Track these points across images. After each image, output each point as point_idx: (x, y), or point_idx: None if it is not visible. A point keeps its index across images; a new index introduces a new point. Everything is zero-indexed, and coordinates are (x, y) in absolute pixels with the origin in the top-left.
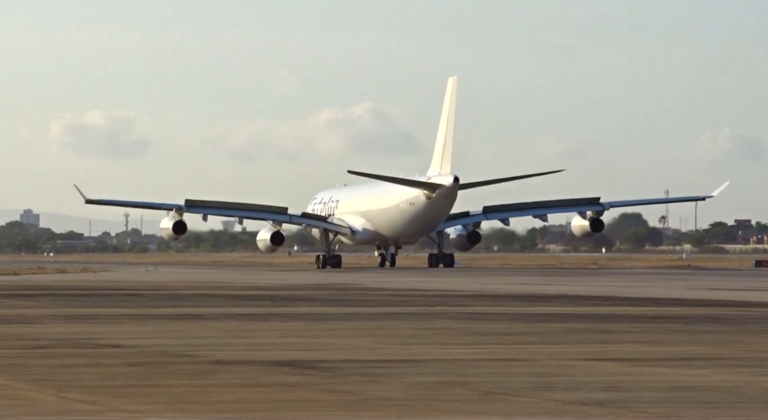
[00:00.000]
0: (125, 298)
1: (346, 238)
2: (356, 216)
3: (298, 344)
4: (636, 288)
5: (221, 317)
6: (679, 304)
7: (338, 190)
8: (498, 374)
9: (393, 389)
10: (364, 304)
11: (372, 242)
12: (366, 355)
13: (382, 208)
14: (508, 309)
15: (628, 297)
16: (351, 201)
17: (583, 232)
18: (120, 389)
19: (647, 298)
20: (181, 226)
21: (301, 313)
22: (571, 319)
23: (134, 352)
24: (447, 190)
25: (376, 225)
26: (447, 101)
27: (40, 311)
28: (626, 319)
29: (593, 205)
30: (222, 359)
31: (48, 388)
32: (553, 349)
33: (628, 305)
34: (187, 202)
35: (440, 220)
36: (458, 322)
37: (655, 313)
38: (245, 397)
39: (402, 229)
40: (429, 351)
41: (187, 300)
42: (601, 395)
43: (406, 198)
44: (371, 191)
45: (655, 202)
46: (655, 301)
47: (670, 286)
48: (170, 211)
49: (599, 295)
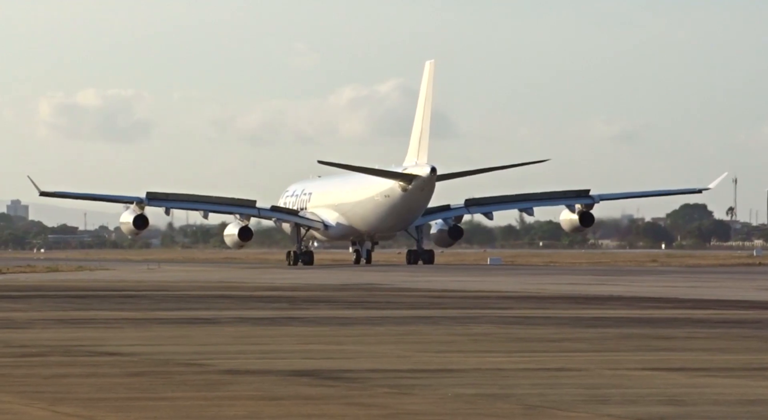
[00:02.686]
0: (125, 299)
1: (318, 232)
2: (329, 209)
3: (320, 352)
4: (700, 288)
5: (233, 321)
6: (748, 306)
7: (311, 182)
8: (544, 386)
9: (426, 402)
10: (392, 306)
11: (346, 237)
12: (396, 364)
13: (357, 201)
14: (555, 312)
15: (691, 299)
16: (324, 193)
17: (573, 227)
18: (119, 402)
19: (712, 300)
20: (143, 220)
21: (323, 316)
22: (626, 323)
23: (135, 360)
24: (424, 182)
25: (350, 219)
26: (424, 86)
27: (29, 315)
28: (688, 323)
29: (582, 198)
30: (234, 369)
31: (39, 400)
32: (606, 358)
33: (690, 308)
34: (149, 194)
35: (417, 213)
36: (499, 327)
37: (722, 317)
38: (260, 412)
39: (377, 223)
40: (466, 360)
41: (194, 302)
42: (660, 409)
43: (381, 190)
44: (345, 183)
45: (649, 195)
46: (721, 304)
47: (738, 286)
48: (131, 205)
49: (658, 297)
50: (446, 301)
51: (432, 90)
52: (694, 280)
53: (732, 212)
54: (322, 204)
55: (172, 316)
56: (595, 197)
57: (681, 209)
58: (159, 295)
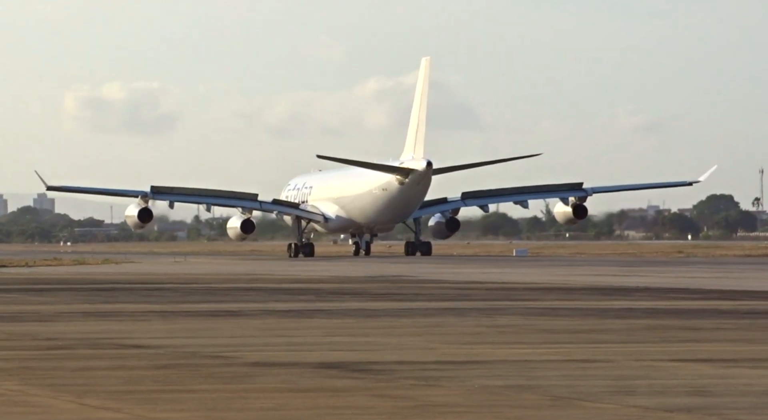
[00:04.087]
0: (151, 292)
1: (319, 225)
2: (329, 203)
3: (346, 344)
4: (726, 279)
5: (259, 314)
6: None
7: (312, 176)
8: (571, 377)
9: (453, 394)
10: (419, 298)
11: (346, 230)
12: (422, 356)
13: (356, 195)
14: (582, 303)
15: (718, 289)
16: (324, 187)
17: (567, 219)
18: (146, 395)
19: (739, 290)
20: (147, 213)
21: (349, 308)
22: (653, 314)
23: (162, 353)
24: (420, 175)
25: (350, 212)
26: (420, 82)
27: (56, 308)
28: (715, 314)
29: (576, 191)
30: (260, 361)
31: (66, 393)
32: (633, 349)
33: (717, 299)
34: (153, 188)
35: (414, 206)
36: (526, 319)
37: (748, 307)
38: (287, 404)
39: (375, 216)
40: (493, 351)
41: (221, 294)
42: (688, 400)
43: (378, 184)
44: (344, 177)
45: (641, 187)
46: (748, 294)
47: (764, 277)
48: (136, 198)
49: (684, 288)
50: (472, 293)
51: (428, 86)
52: (721, 271)
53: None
54: (322, 197)
55: (199, 309)
56: (588, 190)
57: (707, 200)
58: (185, 288)
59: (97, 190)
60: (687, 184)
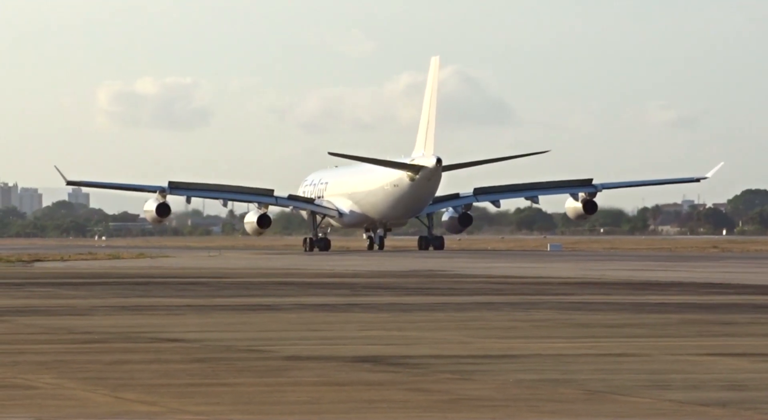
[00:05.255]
0: (186, 286)
1: (334, 220)
2: (344, 198)
3: (381, 338)
4: (762, 274)
5: (294, 308)
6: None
7: (328, 172)
8: (606, 371)
9: (488, 388)
10: (454, 292)
11: (360, 224)
12: (457, 350)
13: (368, 190)
14: (617, 298)
15: (753, 284)
16: (339, 183)
17: (577, 214)
18: (181, 388)
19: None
20: (165, 208)
21: (384, 303)
22: (688, 309)
23: (197, 347)
24: (430, 172)
25: (363, 207)
26: (429, 81)
27: (91, 302)
28: (750, 309)
29: (586, 187)
30: (295, 355)
31: (101, 387)
32: (668, 343)
33: (752, 293)
34: (170, 184)
35: (425, 201)
36: (560, 313)
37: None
38: (321, 397)
39: (388, 211)
40: (528, 345)
41: (255, 288)
42: (723, 395)
43: (390, 180)
44: (358, 173)
45: (649, 183)
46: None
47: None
48: (154, 194)
49: (720, 283)
50: (507, 287)
51: (437, 85)
52: (756, 265)
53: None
54: (337, 193)
55: (233, 303)
56: (597, 186)
57: (742, 195)
58: (220, 282)
59: (115, 185)
60: (694, 180)
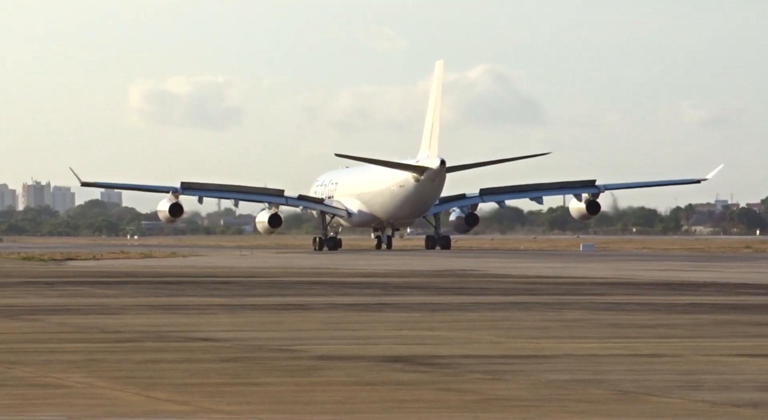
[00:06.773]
0: (218, 286)
1: (343, 220)
2: (353, 198)
3: (412, 338)
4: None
5: (326, 307)
6: None
7: (338, 172)
8: (638, 372)
9: (519, 388)
10: (485, 292)
11: (368, 224)
12: (489, 350)
13: (376, 191)
14: (649, 298)
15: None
16: (349, 183)
17: (581, 215)
18: (212, 388)
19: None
20: (178, 208)
21: (416, 302)
22: (721, 309)
23: (228, 346)
24: (434, 173)
25: (371, 207)
26: (434, 84)
27: (122, 300)
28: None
29: (589, 188)
30: (326, 354)
31: (132, 386)
32: (701, 344)
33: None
34: (183, 184)
35: (431, 202)
36: (592, 313)
37: None
38: (352, 397)
39: (395, 211)
40: (559, 345)
41: (287, 288)
42: (755, 395)
43: (396, 181)
44: (366, 174)
45: (652, 184)
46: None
47: None
48: (167, 194)
49: (752, 283)
50: (539, 288)
51: (441, 88)
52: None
53: None
54: (346, 193)
55: (265, 302)
56: (600, 187)
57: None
58: (251, 281)
59: (129, 185)
60: (695, 181)
